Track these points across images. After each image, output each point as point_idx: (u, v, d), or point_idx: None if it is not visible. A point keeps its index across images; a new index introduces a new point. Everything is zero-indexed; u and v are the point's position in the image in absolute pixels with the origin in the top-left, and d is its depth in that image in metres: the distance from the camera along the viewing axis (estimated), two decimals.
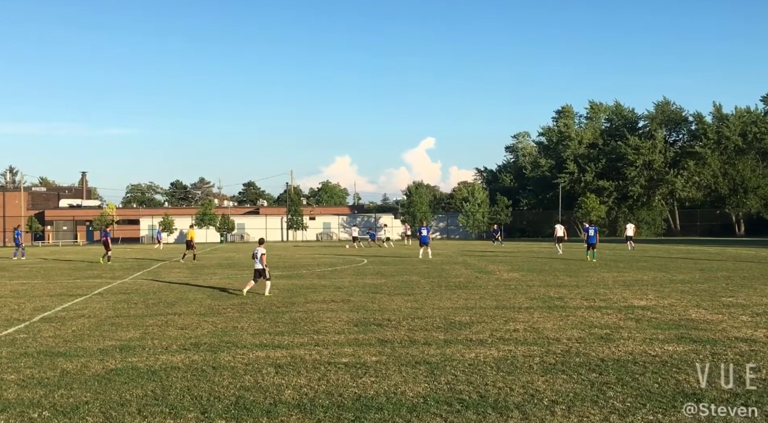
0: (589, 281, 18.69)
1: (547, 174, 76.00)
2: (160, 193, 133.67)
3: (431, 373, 8.01)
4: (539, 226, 75.57)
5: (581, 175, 72.42)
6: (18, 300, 15.69)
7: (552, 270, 23.02)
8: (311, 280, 20.12)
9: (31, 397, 7.11)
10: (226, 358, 8.97)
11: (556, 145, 77.77)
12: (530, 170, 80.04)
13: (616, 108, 78.43)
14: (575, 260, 28.41)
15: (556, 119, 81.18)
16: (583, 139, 75.93)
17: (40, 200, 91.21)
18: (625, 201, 72.32)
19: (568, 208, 71.65)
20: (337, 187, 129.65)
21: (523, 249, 41.69)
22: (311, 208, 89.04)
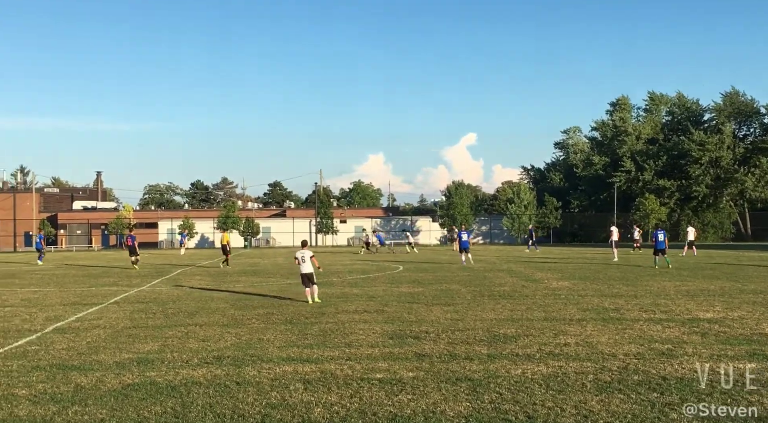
0: (649, 291, 18.44)
1: (601, 173, 75.19)
2: (180, 194, 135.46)
3: (473, 390, 7.97)
4: (592, 229, 74.82)
5: (639, 174, 71.50)
6: (30, 309, 16.02)
7: (607, 278, 22.76)
8: (342, 289, 20.19)
9: (44, 414, 7.25)
10: (250, 372, 9.04)
11: (610, 140, 76.91)
12: (582, 169, 79.28)
13: (678, 99, 77.29)
14: (633, 267, 28.04)
15: (610, 112, 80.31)
16: (642, 134, 74.99)
17: (52, 202, 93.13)
18: (689, 202, 71.21)
19: (624, 210, 70.79)
20: (370, 188, 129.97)
21: (574, 255, 41.29)
22: (342, 210, 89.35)
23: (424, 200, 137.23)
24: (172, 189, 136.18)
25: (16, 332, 12.61)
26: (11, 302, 17.60)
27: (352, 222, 79.29)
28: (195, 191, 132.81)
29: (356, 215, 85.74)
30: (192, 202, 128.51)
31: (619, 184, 71.62)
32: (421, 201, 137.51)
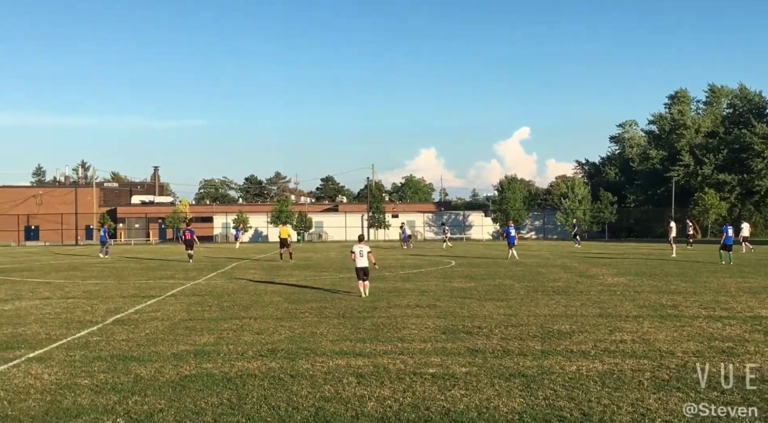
0: (709, 287, 18.02)
1: (658, 167, 73.70)
2: (234, 189, 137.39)
3: (527, 386, 7.91)
4: (648, 224, 73.44)
5: (698, 168, 69.88)
6: (91, 301, 16.46)
7: (664, 274, 22.32)
8: (394, 283, 20.23)
9: (105, 403, 7.45)
10: (304, 365, 9.13)
11: (668, 134, 75.27)
12: (638, 163, 77.81)
13: (740, 91, 75.21)
14: (691, 263, 27.43)
15: (668, 105, 78.62)
16: (701, 127, 73.21)
17: (111, 196, 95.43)
18: (750, 197, 69.33)
19: (682, 205, 69.25)
20: (422, 182, 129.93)
21: (629, 250, 40.59)
22: (394, 205, 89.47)
23: (476, 195, 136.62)
24: (227, 184, 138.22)
25: (79, 323, 12.97)
26: (74, 294, 18.11)
27: (403, 216, 79.28)
28: (249, 186, 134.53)
29: (408, 210, 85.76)
30: (246, 196, 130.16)
31: (677, 179, 70.10)
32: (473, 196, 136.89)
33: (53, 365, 9.29)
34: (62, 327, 12.51)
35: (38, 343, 10.97)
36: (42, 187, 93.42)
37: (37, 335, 11.67)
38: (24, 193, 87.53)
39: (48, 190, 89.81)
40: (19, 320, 13.42)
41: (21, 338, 11.38)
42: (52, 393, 7.85)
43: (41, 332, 11.96)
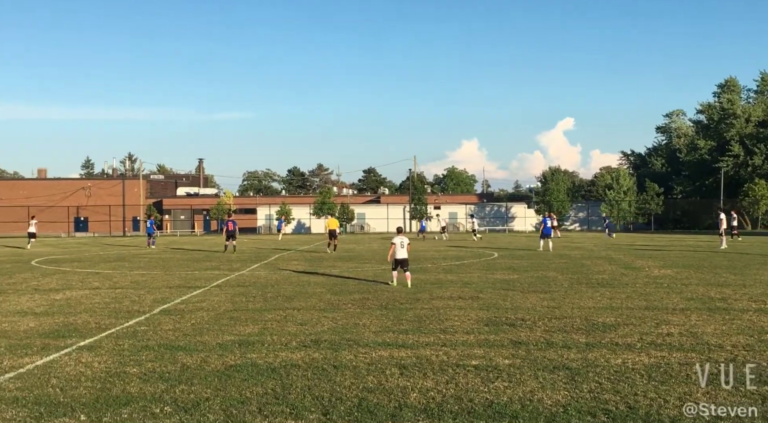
0: (759, 280, 17.64)
1: (707, 157, 72.21)
2: (277, 181, 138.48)
3: (572, 379, 7.85)
4: (696, 216, 72.06)
5: (748, 159, 68.28)
6: (138, 291, 16.78)
7: (712, 266, 21.90)
8: (437, 275, 20.22)
9: (153, 392, 7.59)
10: (347, 356, 9.19)
11: (717, 124, 73.63)
12: (686, 153, 76.33)
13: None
14: (741, 255, 26.86)
15: (717, 94, 76.82)
16: (752, 116, 71.44)
17: (158, 188, 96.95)
18: None
19: (731, 196, 67.78)
20: (464, 174, 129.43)
21: (676, 242, 39.91)
22: (436, 197, 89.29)
23: (519, 186, 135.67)
24: (270, 175, 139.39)
25: (127, 313, 13.23)
26: (122, 284, 18.47)
27: (446, 208, 79.13)
28: (292, 178, 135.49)
29: (450, 202, 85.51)
30: (289, 188, 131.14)
31: (726, 169, 68.61)
32: (516, 187, 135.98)
33: (103, 354, 9.50)
34: (111, 316, 12.78)
35: (88, 332, 11.22)
36: (91, 180, 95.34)
37: (87, 324, 11.94)
38: (73, 185, 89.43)
39: (96, 182, 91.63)
40: (70, 309, 13.74)
41: (72, 327, 11.66)
42: (102, 381, 8.03)
43: (91, 321, 12.23)
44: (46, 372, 8.49)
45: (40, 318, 12.68)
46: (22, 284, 18.61)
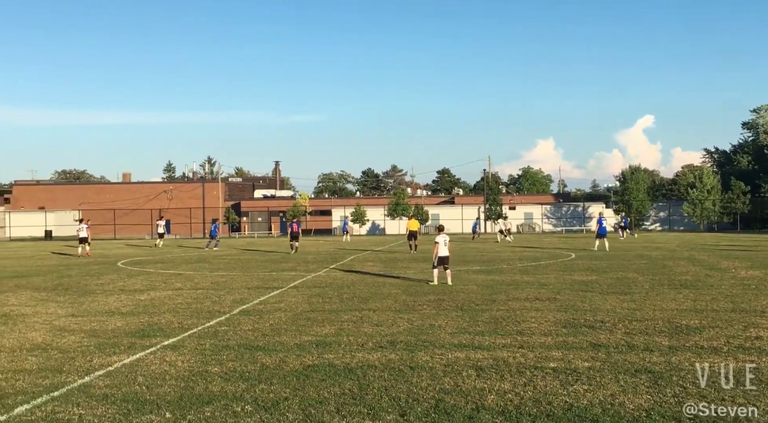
0: None
1: None
2: (352, 182, 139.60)
3: (654, 383, 7.65)
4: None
5: None
6: (218, 292, 17.18)
7: None
8: (512, 276, 20.02)
9: (234, 391, 7.76)
10: (423, 357, 9.19)
11: None
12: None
13: None
14: None
15: None
16: None
17: (236, 191, 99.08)
18: None
19: None
20: (540, 174, 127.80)
21: (764, 243, 38.39)
22: (511, 197, 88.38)
23: (596, 186, 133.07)
24: (345, 177, 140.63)
25: (208, 313, 13.57)
26: (202, 285, 18.95)
27: (521, 208, 78.24)
28: (366, 179, 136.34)
29: (525, 202, 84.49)
30: (363, 189, 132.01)
31: None
32: (593, 187, 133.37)
33: (186, 353, 9.77)
34: (193, 316, 13.13)
35: (172, 331, 11.56)
36: (172, 183, 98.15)
37: (170, 324, 12.30)
38: (156, 188, 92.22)
39: (178, 185, 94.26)
40: (154, 309, 14.18)
41: (156, 327, 12.03)
42: (185, 379, 8.26)
43: (174, 321, 12.60)
44: (133, 370, 8.79)
45: (127, 318, 13.14)
46: (109, 285, 19.30)
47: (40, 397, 7.59)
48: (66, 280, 20.89)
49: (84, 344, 10.57)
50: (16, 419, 6.87)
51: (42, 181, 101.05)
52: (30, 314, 13.84)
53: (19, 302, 15.78)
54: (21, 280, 21.37)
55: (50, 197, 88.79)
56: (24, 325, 12.52)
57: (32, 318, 13.32)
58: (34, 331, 11.86)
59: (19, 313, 14.10)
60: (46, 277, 22.05)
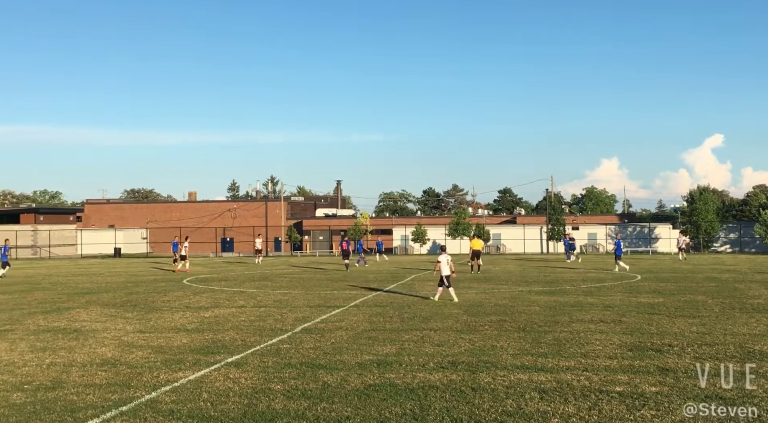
0: None
1: None
2: (413, 202, 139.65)
3: (725, 410, 7.40)
4: None
5: None
6: (281, 310, 17.37)
7: None
8: (576, 297, 19.69)
9: (296, 409, 7.83)
10: (485, 379, 9.12)
11: None
12: None
13: None
14: None
15: None
16: None
17: (298, 210, 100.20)
18: None
19: None
20: (604, 194, 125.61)
21: None
22: (574, 217, 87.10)
23: (662, 206, 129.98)
24: (405, 196, 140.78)
25: (270, 331, 13.73)
26: (265, 303, 19.19)
27: (584, 229, 76.97)
28: (427, 199, 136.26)
29: (589, 222, 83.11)
30: (424, 209, 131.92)
31: None
32: (659, 207, 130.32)
33: (249, 370, 9.91)
34: (256, 334, 13.30)
35: (235, 348, 11.74)
36: (236, 202, 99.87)
37: (234, 341, 12.49)
38: (220, 207, 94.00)
39: (241, 204, 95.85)
40: (218, 327, 14.42)
41: (220, 344, 12.23)
42: (248, 396, 8.37)
43: (237, 339, 12.79)
44: (198, 386, 8.95)
45: (192, 334, 13.39)
46: (175, 302, 19.71)
47: (110, 411, 7.79)
48: (134, 297, 21.43)
49: (151, 360, 10.82)
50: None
51: (112, 200, 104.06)
52: (100, 330, 14.24)
53: (90, 318, 16.26)
54: (91, 296, 22.01)
55: (119, 216, 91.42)
56: (94, 340, 12.88)
57: (102, 334, 13.71)
58: (104, 346, 12.19)
59: (89, 328, 14.52)
60: (115, 294, 22.66)
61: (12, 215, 79.83)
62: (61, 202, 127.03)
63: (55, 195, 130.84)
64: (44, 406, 8.09)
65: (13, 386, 9.15)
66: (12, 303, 20.05)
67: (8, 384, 9.29)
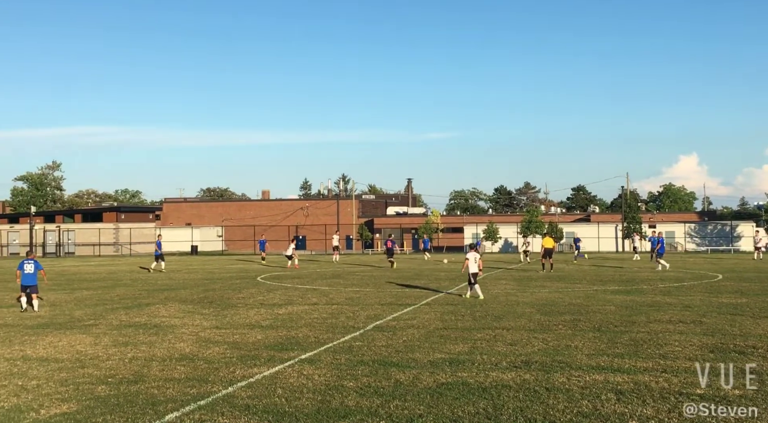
0: None
1: None
2: (484, 200, 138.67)
3: None
4: None
5: None
6: (353, 307, 17.50)
7: None
8: (653, 297, 19.21)
9: (369, 406, 7.88)
10: (560, 379, 8.99)
11: None
12: None
13: None
14: None
15: None
16: None
17: (369, 208, 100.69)
18: None
19: None
20: (682, 191, 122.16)
21: None
22: (651, 215, 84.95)
23: (745, 204, 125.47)
24: (476, 194, 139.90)
25: (343, 328, 13.86)
26: (337, 300, 19.38)
27: (662, 227, 74.93)
28: (498, 196, 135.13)
29: (667, 220, 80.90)
30: (495, 207, 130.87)
31: None
32: (741, 204, 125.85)
33: (322, 367, 10.02)
34: (328, 331, 13.44)
35: (308, 345, 11.89)
36: (308, 200, 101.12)
37: (307, 338, 12.65)
38: (293, 205, 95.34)
39: (313, 202, 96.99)
40: (292, 324, 14.63)
41: (294, 341, 12.41)
42: (322, 393, 8.47)
43: (310, 336, 12.95)
44: (273, 382, 9.11)
45: (266, 331, 13.63)
46: (249, 299, 20.09)
47: (189, 405, 8.00)
48: (210, 294, 21.94)
49: (227, 356, 11.06)
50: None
51: (189, 199, 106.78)
52: (178, 326, 14.64)
53: (169, 314, 16.72)
54: (170, 293, 22.64)
55: (196, 214, 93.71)
56: (173, 335, 13.25)
57: (180, 329, 14.08)
58: (182, 341, 12.52)
59: (168, 324, 14.94)
60: (192, 291, 23.25)
61: (95, 214, 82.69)
62: (141, 200, 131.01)
63: (135, 194, 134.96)
64: (127, 399, 8.36)
65: (98, 379, 9.49)
66: (96, 299, 20.80)
67: (93, 377, 9.64)
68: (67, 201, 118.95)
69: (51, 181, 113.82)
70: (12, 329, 14.43)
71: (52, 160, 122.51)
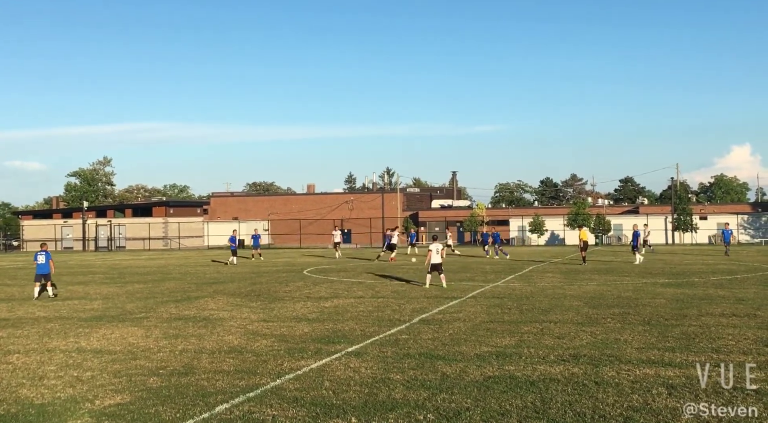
0: None
1: None
2: (529, 192, 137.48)
3: None
4: None
5: None
6: (398, 301, 17.52)
7: None
8: (705, 290, 18.83)
9: (416, 399, 7.88)
10: (609, 373, 8.88)
11: None
12: None
13: None
14: None
15: None
16: None
17: (413, 201, 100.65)
18: None
19: None
20: (734, 182, 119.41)
21: None
22: (702, 206, 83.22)
23: None
24: (522, 187, 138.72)
25: (389, 321, 13.88)
26: (383, 293, 19.41)
27: (713, 218, 73.37)
28: (544, 189, 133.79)
29: (718, 211, 79.15)
30: (541, 199, 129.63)
31: None
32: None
33: (369, 360, 10.06)
34: (374, 324, 13.48)
35: (355, 338, 11.94)
36: (353, 194, 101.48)
37: (353, 331, 12.71)
38: (338, 199, 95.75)
39: (358, 196, 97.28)
40: (338, 317, 14.71)
41: (340, 334, 12.48)
42: (369, 386, 8.50)
43: (357, 329, 13.00)
44: (320, 375, 9.17)
45: (313, 324, 13.73)
46: (296, 292, 20.26)
47: (238, 397, 8.11)
48: (257, 287, 22.17)
49: (275, 348, 11.17)
50: (217, 417, 7.38)
51: (235, 193, 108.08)
52: (227, 318, 14.83)
53: (217, 307, 16.96)
54: (218, 286, 22.95)
55: (243, 208, 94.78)
56: (222, 328, 13.43)
57: (229, 322, 14.27)
58: (231, 334, 12.69)
59: (217, 317, 15.15)
60: (239, 284, 23.53)
61: (145, 208, 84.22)
62: (189, 195, 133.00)
63: (183, 189, 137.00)
64: (178, 390, 8.51)
65: (150, 371, 9.68)
66: (146, 292, 21.20)
67: (145, 369, 9.83)
68: (118, 196, 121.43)
69: (102, 176, 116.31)
70: (67, 322, 14.80)
71: (103, 156, 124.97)
